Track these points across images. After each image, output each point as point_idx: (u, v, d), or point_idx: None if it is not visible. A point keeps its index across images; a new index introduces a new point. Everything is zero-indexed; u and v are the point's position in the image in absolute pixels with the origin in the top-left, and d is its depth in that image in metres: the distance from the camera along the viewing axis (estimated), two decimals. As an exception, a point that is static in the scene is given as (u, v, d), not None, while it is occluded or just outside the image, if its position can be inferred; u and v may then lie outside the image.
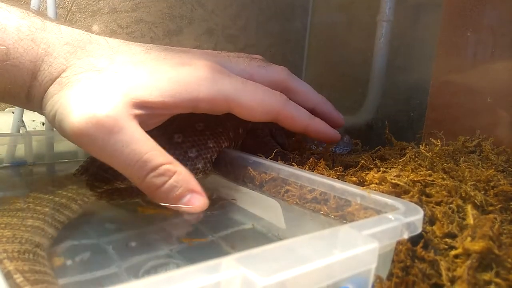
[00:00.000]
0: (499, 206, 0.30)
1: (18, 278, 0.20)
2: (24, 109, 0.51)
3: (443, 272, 0.24)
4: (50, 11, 0.50)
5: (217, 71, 0.34)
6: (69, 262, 0.27)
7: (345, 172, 0.37)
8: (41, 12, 0.34)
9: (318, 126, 0.40)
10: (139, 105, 0.30)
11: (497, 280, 0.23)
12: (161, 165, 0.30)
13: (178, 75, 0.32)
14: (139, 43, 0.35)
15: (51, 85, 0.31)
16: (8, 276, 0.21)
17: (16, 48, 0.30)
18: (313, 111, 0.42)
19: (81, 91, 0.30)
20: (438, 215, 0.28)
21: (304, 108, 0.40)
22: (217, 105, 0.34)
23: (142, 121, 0.31)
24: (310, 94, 0.42)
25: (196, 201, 0.31)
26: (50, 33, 0.32)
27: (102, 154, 0.30)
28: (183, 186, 0.31)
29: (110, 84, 0.30)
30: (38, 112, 0.35)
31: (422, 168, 0.36)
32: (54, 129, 0.52)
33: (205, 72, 0.33)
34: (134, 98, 0.30)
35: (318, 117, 0.41)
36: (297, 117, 0.38)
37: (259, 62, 0.39)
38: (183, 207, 0.31)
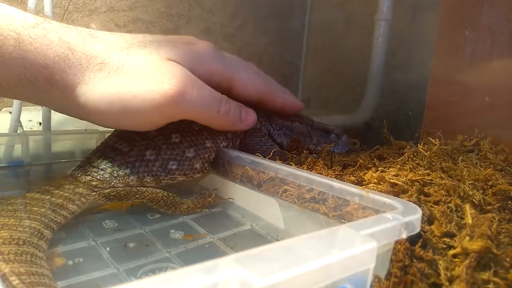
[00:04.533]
0: (498, 205, 0.30)
1: (14, 280, 0.20)
2: (22, 109, 0.51)
3: (442, 272, 0.24)
4: (47, 10, 0.50)
5: (219, 51, 0.40)
6: (69, 264, 0.27)
7: (343, 172, 0.37)
8: (39, 5, 0.36)
9: (292, 98, 0.48)
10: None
11: (496, 279, 0.23)
12: (221, 96, 0.38)
13: (191, 51, 0.37)
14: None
15: (84, 70, 0.33)
16: (3, 278, 0.21)
17: (28, 34, 0.31)
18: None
19: (137, 73, 0.34)
20: (437, 214, 0.28)
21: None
22: (224, 78, 0.40)
23: None
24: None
25: (249, 114, 0.41)
26: (57, 26, 0.33)
27: (192, 103, 0.35)
28: (237, 106, 0.40)
29: (150, 54, 0.35)
30: (51, 100, 0.35)
31: (420, 168, 0.36)
32: (52, 129, 0.52)
33: (211, 49, 0.39)
34: (175, 60, 0.35)
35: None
36: (276, 97, 0.46)
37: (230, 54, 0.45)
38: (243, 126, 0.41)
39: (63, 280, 0.25)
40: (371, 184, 0.33)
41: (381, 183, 0.32)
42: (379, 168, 0.36)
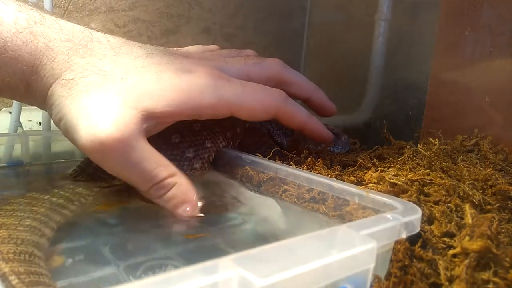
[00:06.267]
0: (497, 205, 0.30)
1: (14, 280, 0.20)
2: (21, 109, 0.51)
3: (442, 272, 0.24)
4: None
5: (217, 77, 0.34)
6: (68, 263, 0.27)
7: (343, 172, 0.37)
8: (38, 6, 0.34)
9: (315, 125, 0.41)
10: (147, 117, 0.31)
11: (495, 279, 0.23)
12: (165, 179, 0.31)
13: (181, 83, 0.32)
14: (140, 44, 0.35)
15: (54, 82, 0.31)
16: (3, 278, 0.21)
17: (14, 41, 0.30)
18: (308, 100, 0.44)
19: (90, 103, 0.29)
20: (436, 214, 0.28)
21: (300, 98, 0.41)
22: (220, 110, 0.35)
23: (148, 131, 0.31)
24: (304, 84, 0.43)
25: (189, 211, 0.33)
26: (49, 27, 0.31)
27: (113, 169, 0.31)
28: (180, 197, 0.32)
29: (118, 95, 0.30)
30: (37, 106, 0.35)
31: (420, 167, 0.36)
32: (51, 129, 0.52)
33: (206, 79, 0.34)
34: (142, 111, 0.30)
35: (313, 106, 0.44)
36: (296, 114, 0.39)
37: (253, 59, 0.40)
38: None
39: (63, 280, 0.25)
40: (371, 184, 0.33)
41: (381, 183, 0.32)
42: (379, 168, 0.36)
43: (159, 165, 0.31)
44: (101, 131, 0.28)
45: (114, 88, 0.30)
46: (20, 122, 0.51)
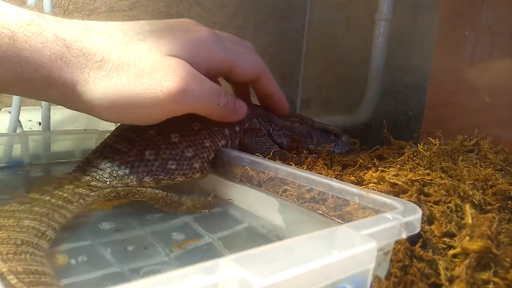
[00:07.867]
0: (497, 205, 0.30)
1: (12, 279, 0.20)
2: (21, 109, 0.51)
3: (442, 272, 0.24)
4: (47, 10, 0.50)
5: (218, 37, 0.40)
6: (70, 263, 0.27)
7: (343, 172, 0.37)
8: (38, 5, 0.35)
9: (281, 96, 0.49)
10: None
11: (496, 279, 0.23)
12: (220, 89, 0.38)
13: (194, 39, 0.37)
14: (132, 22, 0.38)
15: (81, 69, 0.32)
16: (2, 277, 0.20)
17: (23, 32, 0.31)
18: None
19: (141, 68, 0.33)
20: (437, 214, 0.28)
21: None
22: (224, 64, 0.40)
23: None
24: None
25: (242, 106, 0.42)
26: (52, 21, 0.33)
27: (193, 98, 0.35)
28: (233, 98, 0.41)
29: (152, 49, 0.34)
30: (51, 99, 0.36)
31: (420, 167, 0.36)
32: (51, 129, 0.52)
33: (211, 37, 0.39)
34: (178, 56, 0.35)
35: None
36: (272, 81, 0.46)
37: (232, 35, 0.46)
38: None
39: (62, 279, 0.25)
40: (371, 184, 0.33)
41: (381, 183, 0.32)
42: (379, 168, 0.36)
43: (211, 81, 0.37)
44: (180, 78, 0.33)
45: (144, 45, 0.34)
46: (20, 122, 0.51)
